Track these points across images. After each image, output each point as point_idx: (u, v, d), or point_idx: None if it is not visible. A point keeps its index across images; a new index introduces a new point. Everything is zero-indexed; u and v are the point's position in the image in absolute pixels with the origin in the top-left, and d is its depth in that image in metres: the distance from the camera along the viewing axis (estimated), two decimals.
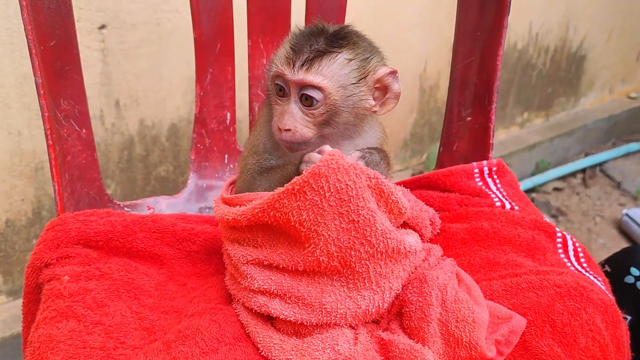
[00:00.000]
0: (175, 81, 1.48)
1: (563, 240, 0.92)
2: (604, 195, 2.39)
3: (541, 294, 0.78)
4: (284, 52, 0.80)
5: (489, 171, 1.02)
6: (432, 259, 0.80)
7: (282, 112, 0.81)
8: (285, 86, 0.81)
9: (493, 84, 1.02)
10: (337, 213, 0.70)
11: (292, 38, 0.81)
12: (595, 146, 2.65)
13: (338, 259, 0.72)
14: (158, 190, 1.58)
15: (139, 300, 0.83)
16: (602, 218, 2.26)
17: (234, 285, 0.82)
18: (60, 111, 0.93)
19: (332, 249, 0.71)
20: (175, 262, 0.93)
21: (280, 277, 0.76)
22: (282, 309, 0.75)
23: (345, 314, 0.74)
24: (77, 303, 0.79)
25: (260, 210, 0.73)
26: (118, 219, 0.91)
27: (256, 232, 0.77)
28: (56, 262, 0.85)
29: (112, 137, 1.46)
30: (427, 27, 1.91)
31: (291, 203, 0.71)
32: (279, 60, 0.80)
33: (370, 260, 0.73)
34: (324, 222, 0.71)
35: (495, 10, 1.01)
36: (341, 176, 0.69)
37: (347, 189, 0.70)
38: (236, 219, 0.77)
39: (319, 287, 0.74)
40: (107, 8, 1.33)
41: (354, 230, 0.71)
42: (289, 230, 0.74)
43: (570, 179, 2.46)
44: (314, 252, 0.72)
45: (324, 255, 0.72)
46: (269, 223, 0.74)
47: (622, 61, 2.67)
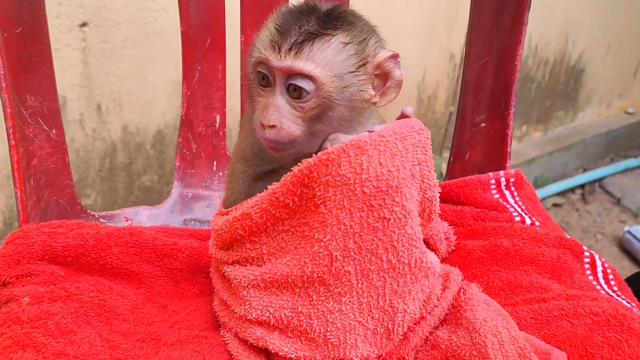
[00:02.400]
0: (161, 84, 1.41)
1: (591, 260, 0.83)
2: (604, 211, 2.37)
3: (576, 324, 0.69)
4: (268, 33, 0.69)
5: (507, 182, 0.93)
6: (453, 286, 0.70)
7: (265, 105, 0.70)
8: (270, 74, 0.69)
9: (511, 86, 0.94)
10: (367, 203, 0.62)
11: (278, 17, 0.70)
12: (594, 161, 2.66)
13: (354, 262, 0.64)
14: (141, 201, 1.51)
15: (111, 326, 0.74)
16: (603, 235, 2.24)
17: (225, 312, 0.72)
18: (26, 108, 0.83)
19: (351, 245, 0.63)
20: (154, 281, 0.84)
21: (282, 302, 0.66)
22: (281, 344, 0.66)
23: (356, 342, 0.65)
24: (38, 330, 0.69)
25: (284, 190, 0.64)
26: (90, 232, 0.82)
27: (260, 237, 0.68)
28: (15, 281, 0.76)
29: (92, 144, 1.39)
30: (426, 37, 1.88)
31: (320, 176, 0.62)
32: (262, 44, 0.69)
33: (388, 273, 0.64)
34: (350, 209, 0.62)
35: (514, 7, 0.93)
36: (385, 159, 0.61)
37: (388, 176, 0.61)
38: (246, 214, 0.67)
39: (323, 316, 0.65)
40: (89, 4, 1.26)
41: (380, 231, 0.62)
42: (305, 217, 0.64)
43: (569, 194, 2.46)
44: (329, 245, 0.63)
45: (339, 251, 0.63)
46: (288, 206, 0.65)
47: (620, 76, 2.70)
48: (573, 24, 2.30)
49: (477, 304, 0.69)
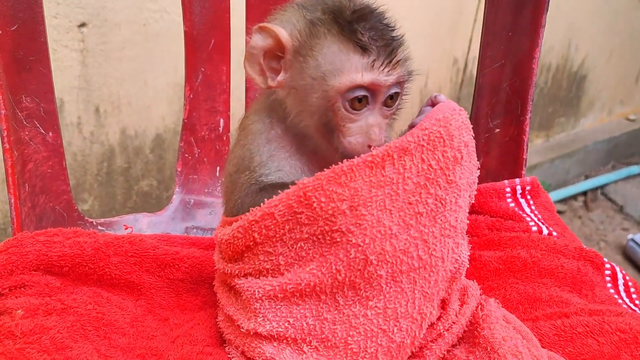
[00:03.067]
0: (161, 87, 1.39)
1: (612, 273, 0.81)
2: (607, 219, 2.36)
3: (603, 341, 0.66)
4: (353, 51, 0.64)
5: (522, 191, 0.91)
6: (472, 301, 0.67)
7: (368, 126, 0.66)
8: (372, 94, 0.65)
9: (528, 90, 0.91)
10: (406, 201, 0.62)
11: (349, 30, 0.64)
12: (595, 168, 2.65)
13: (387, 265, 0.62)
14: (140, 207, 1.49)
15: (110, 340, 0.71)
16: (607, 243, 2.23)
17: (230, 329, 0.69)
18: (21, 109, 0.80)
19: (387, 247, 0.61)
20: (155, 292, 0.81)
21: (305, 311, 0.64)
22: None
23: (376, 353, 0.63)
24: (31, 345, 0.65)
25: (315, 185, 0.61)
26: (88, 240, 0.79)
27: (275, 247, 0.65)
28: (9, 292, 0.73)
29: (90, 147, 1.37)
30: (428, 40, 1.86)
31: (362, 177, 0.61)
32: (352, 66, 0.64)
33: (418, 273, 0.63)
34: (390, 210, 0.62)
35: (532, 8, 0.91)
36: (427, 155, 0.63)
37: (427, 171, 0.63)
38: (268, 213, 0.64)
39: (348, 320, 0.63)
40: (88, 4, 1.24)
41: (413, 227, 0.62)
42: (335, 222, 0.61)
43: (572, 201, 2.44)
44: (366, 250, 0.61)
45: (375, 255, 0.61)
46: (312, 206, 0.62)
47: (622, 83, 2.68)
48: (576, 30, 2.29)
49: (496, 321, 0.66)
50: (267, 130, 0.72)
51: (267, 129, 0.72)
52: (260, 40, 0.66)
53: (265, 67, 0.67)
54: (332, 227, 0.61)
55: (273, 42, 0.66)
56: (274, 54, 0.67)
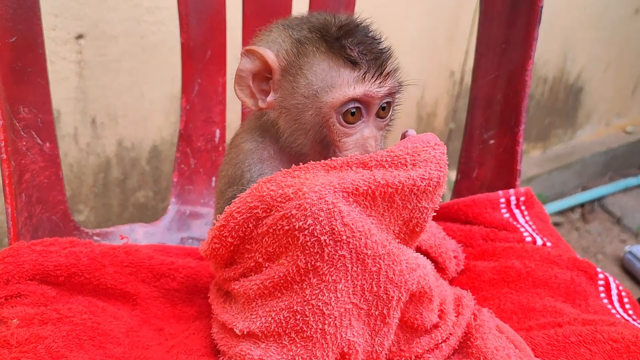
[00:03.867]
0: (157, 99, 1.39)
1: (605, 283, 0.81)
2: (605, 231, 2.35)
3: (595, 350, 0.66)
4: (344, 66, 0.65)
5: (517, 201, 0.91)
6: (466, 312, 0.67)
7: (364, 139, 0.66)
8: (366, 106, 0.66)
9: (521, 101, 0.92)
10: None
11: (338, 46, 0.65)
12: (593, 180, 2.64)
13: (347, 245, 0.62)
14: (136, 218, 1.48)
15: (105, 350, 0.70)
16: (604, 255, 2.22)
17: (224, 340, 0.69)
18: (19, 120, 0.80)
19: (339, 226, 0.61)
20: (151, 302, 0.81)
21: (281, 303, 0.64)
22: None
23: (350, 322, 0.63)
24: (27, 354, 0.65)
25: (270, 179, 0.62)
26: (84, 250, 0.79)
27: (251, 244, 0.66)
28: (5, 302, 0.72)
29: (86, 158, 1.36)
30: (425, 52, 1.86)
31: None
32: (347, 78, 0.64)
33: (384, 259, 0.63)
34: (343, 187, 0.61)
35: (524, 21, 0.91)
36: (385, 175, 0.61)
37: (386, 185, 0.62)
38: (229, 214, 0.64)
39: (319, 310, 0.63)
40: (85, 16, 1.24)
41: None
42: (283, 207, 0.62)
43: (569, 213, 2.43)
44: (314, 231, 0.60)
45: (326, 235, 0.60)
46: (264, 199, 0.63)
47: (618, 95, 2.68)
48: (572, 42, 2.30)
49: (489, 331, 0.66)
50: (259, 150, 0.72)
51: (260, 148, 0.72)
52: (247, 63, 0.66)
53: (254, 89, 0.67)
54: (281, 215, 0.61)
55: (260, 64, 0.66)
56: (263, 76, 0.67)
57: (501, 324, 0.68)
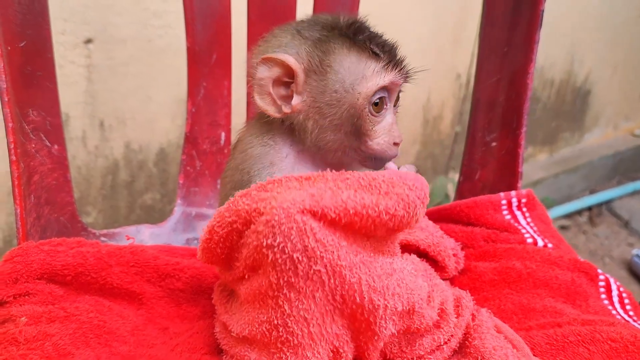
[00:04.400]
0: (164, 102, 1.40)
1: (606, 284, 0.81)
2: (612, 234, 2.34)
3: (594, 350, 0.66)
4: (370, 58, 0.68)
5: (518, 203, 0.91)
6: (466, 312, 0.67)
7: (390, 125, 0.70)
8: (389, 95, 0.70)
9: (523, 104, 0.92)
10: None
11: (358, 40, 0.68)
12: (601, 183, 2.63)
13: (322, 260, 0.60)
14: (143, 220, 1.46)
15: (111, 348, 0.71)
16: (611, 259, 2.20)
17: (225, 339, 0.70)
18: (28, 122, 0.82)
19: (311, 242, 0.58)
20: (156, 301, 0.81)
21: (262, 315, 0.63)
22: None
23: (332, 318, 0.62)
24: (34, 351, 0.66)
25: (244, 193, 0.62)
26: (91, 250, 0.79)
27: (239, 253, 0.64)
28: (13, 300, 0.73)
29: (95, 161, 1.38)
30: (431, 55, 1.86)
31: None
32: (374, 70, 0.67)
33: (360, 269, 0.61)
34: (310, 198, 0.59)
35: (526, 24, 0.92)
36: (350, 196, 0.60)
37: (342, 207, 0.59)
38: (210, 229, 0.64)
39: (301, 322, 0.61)
40: (94, 21, 1.25)
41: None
42: (250, 223, 0.61)
43: (576, 217, 2.42)
44: (285, 247, 0.58)
45: (298, 252, 0.58)
46: (239, 213, 0.62)
47: (626, 98, 2.67)
48: (579, 45, 2.29)
49: (487, 331, 0.66)
50: (269, 153, 0.72)
51: (270, 152, 0.72)
52: (266, 71, 0.67)
53: (275, 96, 0.68)
54: (252, 229, 0.60)
55: (280, 69, 0.67)
56: (282, 82, 0.68)
57: (500, 324, 0.68)
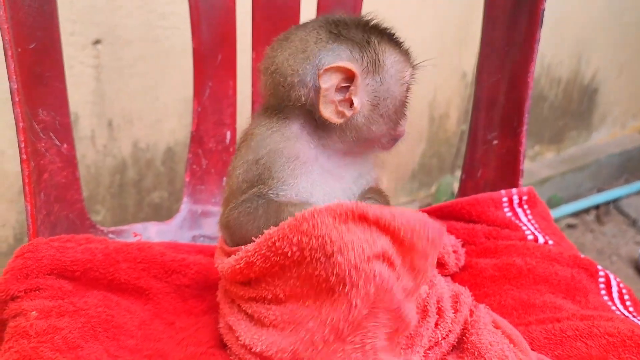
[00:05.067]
0: (171, 102, 1.41)
1: (606, 280, 0.82)
2: (619, 233, 2.33)
3: (591, 344, 0.67)
4: (402, 54, 0.74)
5: (519, 200, 0.92)
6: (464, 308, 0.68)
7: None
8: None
9: (524, 103, 0.93)
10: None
11: (385, 38, 0.73)
12: (608, 182, 2.61)
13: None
14: (151, 218, 1.48)
15: (119, 342, 0.73)
16: (619, 257, 2.20)
17: (229, 336, 0.71)
18: (38, 122, 0.83)
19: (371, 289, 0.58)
20: (162, 297, 0.83)
21: (286, 343, 0.63)
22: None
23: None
24: (45, 344, 0.67)
25: (280, 235, 0.61)
26: (99, 247, 0.81)
27: (273, 279, 0.65)
28: (24, 295, 0.75)
29: (103, 160, 1.39)
30: (437, 54, 1.86)
31: (329, 223, 0.59)
32: (406, 65, 0.74)
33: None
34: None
35: (526, 24, 0.93)
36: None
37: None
38: (250, 262, 0.64)
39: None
40: (102, 22, 1.27)
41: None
42: (316, 268, 0.60)
43: (583, 215, 2.41)
44: (353, 298, 0.58)
45: (359, 297, 0.58)
46: (287, 255, 0.61)
47: (634, 96, 2.65)
48: (586, 43, 2.27)
49: (484, 327, 0.67)
50: (295, 148, 0.72)
51: (296, 146, 0.72)
52: (329, 80, 0.68)
53: (337, 103, 0.70)
54: (311, 272, 0.60)
55: (341, 75, 0.69)
56: (340, 87, 0.70)
57: (499, 319, 0.69)
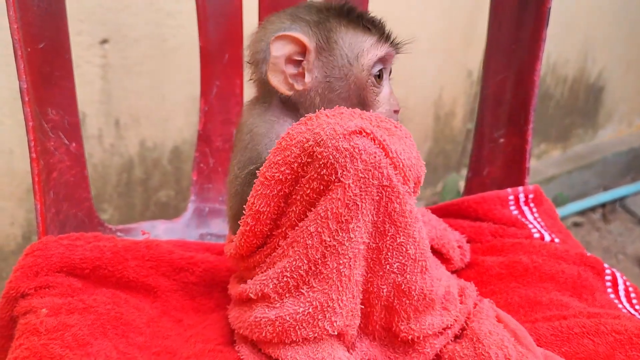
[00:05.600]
0: (178, 101, 1.42)
1: (612, 278, 0.82)
2: (626, 231, 2.33)
3: (598, 342, 0.67)
4: (365, 32, 0.73)
5: (525, 198, 0.92)
6: (469, 301, 0.69)
7: (389, 95, 0.76)
8: (385, 66, 0.75)
9: (530, 101, 0.93)
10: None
11: (353, 19, 0.73)
12: (614, 180, 2.60)
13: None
14: (158, 216, 1.49)
15: (128, 339, 0.73)
16: (625, 255, 2.19)
17: (239, 317, 0.72)
18: (47, 121, 0.84)
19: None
20: (170, 294, 0.84)
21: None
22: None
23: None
24: (55, 341, 0.68)
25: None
26: (108, 245, 0.82)
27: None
28: (34, 293, 0.76)
29: (110, 159, 1.40)
30: (443, 53, 1.87)
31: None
32: (370, 43, 0.72)
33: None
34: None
35: (533, 22, 0.93)
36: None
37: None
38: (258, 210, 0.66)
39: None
40: (109, 21, 1.28)
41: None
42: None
43: (590, 213, 2.40)
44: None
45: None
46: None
47: None
48: (592, 41, 2.27)
49: (485, 317, 0.68)
50: (275, 129, 0.75)
51: (275, 128, 0.75)
52: (280, 48, 0.70)
53: (287, 74, 0.71)
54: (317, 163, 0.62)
55: (294, 47, 0.71)
56: (293, 60, 0.72)
57: (503, 315, 0.70)
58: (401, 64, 0.79)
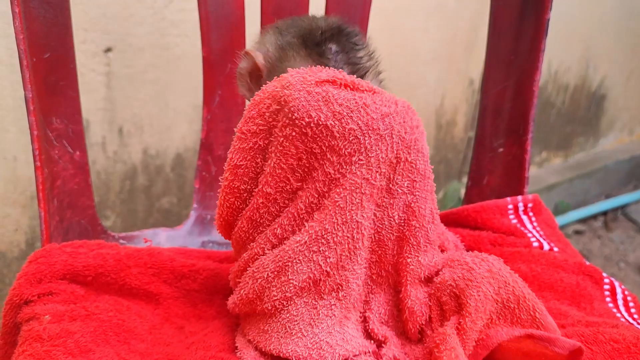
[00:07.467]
0: (181, 109, 1.43)
1: (611, 288, 0.82)
2: (627, 239, 2.33)
3: (596, 350, 0.68)
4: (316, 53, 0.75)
5: (524, 207, 0.93)
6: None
7: None
8: None
9: (529, 111, 0.94)
10: None
11: (313, 50, 0.73)
12: (616, 188, 2.61)
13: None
14: (160, 224, 1.51)
15: (129, 345, 0.74)
16: (627, 264, 2.19)
17: (246, 308, 0.73)
18: (52, 130, 0.85)
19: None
20: (172, 302, 0.84)
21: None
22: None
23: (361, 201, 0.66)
24: (57, 347, 0.69)
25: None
26: (110, 252, 0.82)
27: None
28: (37, 299, 0.76)
29: (113, 166, 1.40)
30: (444, 61, 1.87)
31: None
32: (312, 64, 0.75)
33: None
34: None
35: (532, 33, 0.94)
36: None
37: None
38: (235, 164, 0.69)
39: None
40: (113, 30, 1.28)
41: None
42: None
43: (591, 221, 2.41)
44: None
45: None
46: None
47: None
48: (594, 50, 2.28)
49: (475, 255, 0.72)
50: None
51: None
52: (244, 63, 0.75)
53: (252, 87, 0.74)
54: (284, 119, 0.64)
55: (252, 65, 0.74)
56: (257, 75, 0.74)
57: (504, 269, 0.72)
58: (403, 72, 0.79)
